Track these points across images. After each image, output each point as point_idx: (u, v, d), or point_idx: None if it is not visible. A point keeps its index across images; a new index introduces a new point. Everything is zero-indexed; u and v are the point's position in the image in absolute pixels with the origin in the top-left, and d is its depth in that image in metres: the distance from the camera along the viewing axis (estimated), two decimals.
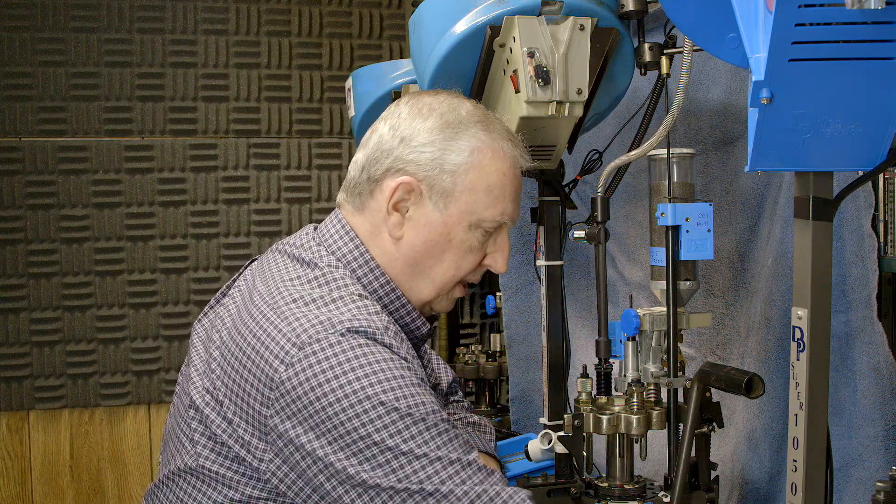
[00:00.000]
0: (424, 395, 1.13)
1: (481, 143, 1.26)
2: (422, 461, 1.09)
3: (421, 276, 1.29)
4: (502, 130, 1.29)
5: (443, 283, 1.30)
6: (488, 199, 1.26)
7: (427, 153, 1.25)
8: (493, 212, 1.27)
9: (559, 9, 1.43)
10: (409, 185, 1.25)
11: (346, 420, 1.09)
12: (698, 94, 1.79)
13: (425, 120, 1.26)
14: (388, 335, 1.15)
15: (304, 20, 2.91)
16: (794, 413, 1.18)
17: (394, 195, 1.26)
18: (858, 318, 1.45)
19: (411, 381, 1.13)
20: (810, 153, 1.06)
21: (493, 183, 1.26)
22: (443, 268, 1.29)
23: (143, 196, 2.78)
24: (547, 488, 1.55)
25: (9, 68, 2.67)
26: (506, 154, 1.28)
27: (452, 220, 1.26)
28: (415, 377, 1.14)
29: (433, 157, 1.25)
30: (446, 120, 1.26)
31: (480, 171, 1.25)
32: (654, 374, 1.53)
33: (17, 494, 2.73)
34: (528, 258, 2.32)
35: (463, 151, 1.25)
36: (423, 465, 1.09)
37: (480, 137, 1.26)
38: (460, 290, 1.34)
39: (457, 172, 1.25)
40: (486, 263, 1.32)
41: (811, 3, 0.90)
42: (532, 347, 2.33)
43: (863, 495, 1.44)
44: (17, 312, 2.70)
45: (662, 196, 1.53)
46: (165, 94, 2.79)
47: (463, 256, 1.29)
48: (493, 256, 1.32)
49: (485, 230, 1.28)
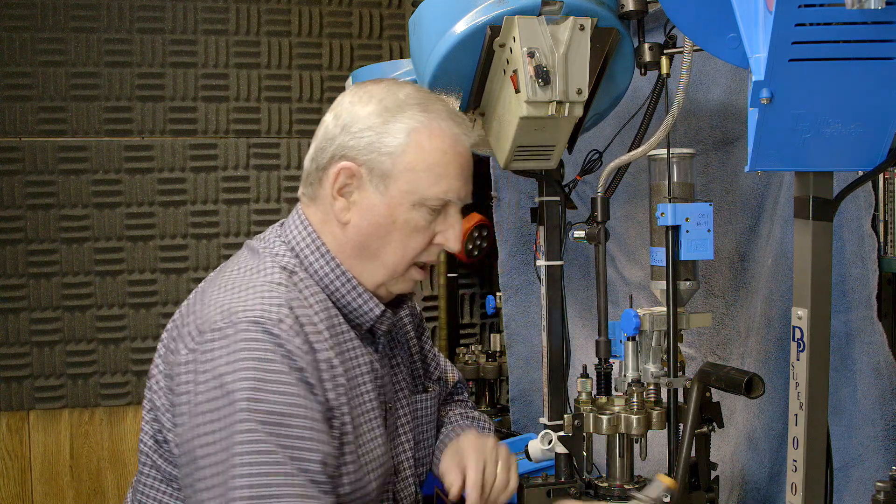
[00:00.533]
0: (287, 394, 1.14)
1: (418, 124, 1.28)
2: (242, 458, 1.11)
3: (370, 259, 1.31)
4: (442, 111, 1.31)
5: (393, 264, 1.31)
6: (430, 178, 1.28)
7: (365, 137, 1.28)
8: (436, 190, 1.28)
9: (559, 9, 1.43)
10: (350, 170, 1.29)
11: (203, 402, 1.14)
12: (698, 94, 1.79)
13: (365, 106, 1.29)
14: (279, 327, 1.17)
15: (304, 20, 2.91)
16: (794, 413, 1.18)
17: (337, 181, 1.29)
18: (858, 318, 1.45)
19: (279, 378, 1.14)
20: (810, 153, 1.06)
21: (434, 161, 1.28)
22: (390, 249, 1.30)
23: (143, 196, 2.78)
24: (547, 488, 1.55)
25: (9, 68, 2.67)
26: (445, 132, 1.29)
27: (395, 200, 1.28)
28: (290, 375, 1.15)
29: (371, 140, 1.28)
30: (384, 105, 1.29)
31: (419, 150, 1.27)
32: (654, 374, 1.53)
33: (17, 494, 2.73)
34: (528, 258, 2.33)
35: (400, 133, 1.27)
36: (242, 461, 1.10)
37: (418, 118, 1.28)
38: (417, 271, 1.34)
39: (395, 154, 1.27)
40: (437, 242, 1.32)
41: (811, 3, 0.90)
42: (532, 347, 2.33)
43: (863, 495, 1.44)
44: (17, 312, 2.70)
45: (662, 196, 1.53)
46: (165, 94, 2.79)
47: (409, 236, 1.30)
48: (444, 234, 1.32)
49: (430, 209, 1.29)
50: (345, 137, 1.29)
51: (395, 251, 1.30)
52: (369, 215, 1.29)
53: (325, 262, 1.31)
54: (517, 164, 1.57)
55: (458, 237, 1.33)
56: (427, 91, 1.36)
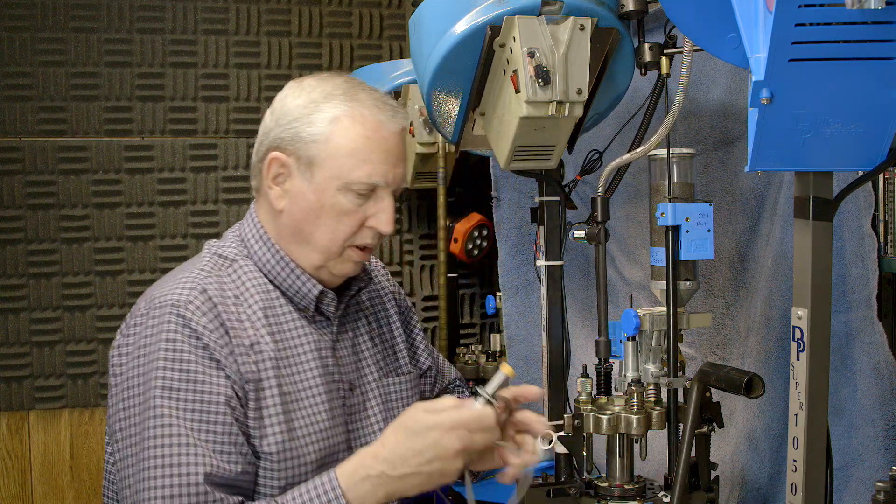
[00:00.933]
0: (192, 371, 1.27)
1: (341, 112, 1.36)
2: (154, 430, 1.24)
3: (304, 243, 1.40)
4: (367, 99, 1.38)
5: (325, 247, 1.39)
6: (353, 163, 1.35)
7: (293, 128, 1.37)
8: (359, 174, 1.35)
9: (559, 9, 1.43)
10: (280, 160, 1.38)
11: (123, 381, 1.30)
12: (698, 94, 1.79)
13: (296, 99, 1.39)
14: (188, 308, 1.30)
15: (304, 20, 2.91)
16: (794, 413, 1.18)
17: (270, 171, 1.39)
18: (858, 318, 1.45)
19: (184, 357, 1.28)
20: (810, 153, 1.06)
21: (356, 147, 1.35)
22: (321, 232, 1.38)
23: (143, 196, 2.78)
24: (547, 488, 1.55)
25: (9, 68, 2.67)
26: (367, 119, 1.36)
27: (321, 186, 1.36)
28: (195, 352, 1.28)
29: (297, 130, 1.37)
30: (311, 97, 1.39)
31: (341, 137, 1.35)
32: (654, 374, 1.53)
33: (17, 494, 2.73)
34: (528, 258, 2.33)
35: (324, 122, 1.36)
36: (153, 433, 1.24)
37: (341, 107, 1.36)
38: (356, 253, 1.41)
39: (319, 142, 1.36)
40: (369, 225, 1.39)
41: (811, 3, 0.90)
42: (532, 347, 2.33)
43: (863, 495, 1.44)
44: (17, 312, 2.70)
45: (662, 196, 1.53)
46: (165, 94, 2.79)
47: (338, 220, 1.37)
48: (375, 217, 1.39)
49: (357, 193, 1.36)
50: (277, 130, 1.39)
51: (325, 234, 1.38)
52: (300, 201, 1.38)
53: (267, 249, 1.42)
54: (517, 164, 1.57)
55: (390, 220, 1.39)
56: (357, 82, 1.43)
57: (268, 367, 1.32)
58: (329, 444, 1.38)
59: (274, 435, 1.30)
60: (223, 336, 1.30)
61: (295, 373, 1.37)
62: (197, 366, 1.27)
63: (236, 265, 1.41)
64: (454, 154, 2.50)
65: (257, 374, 1.31)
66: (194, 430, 1.25)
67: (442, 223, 2.52)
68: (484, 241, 2.67)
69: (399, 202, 2.98)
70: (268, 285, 1.41)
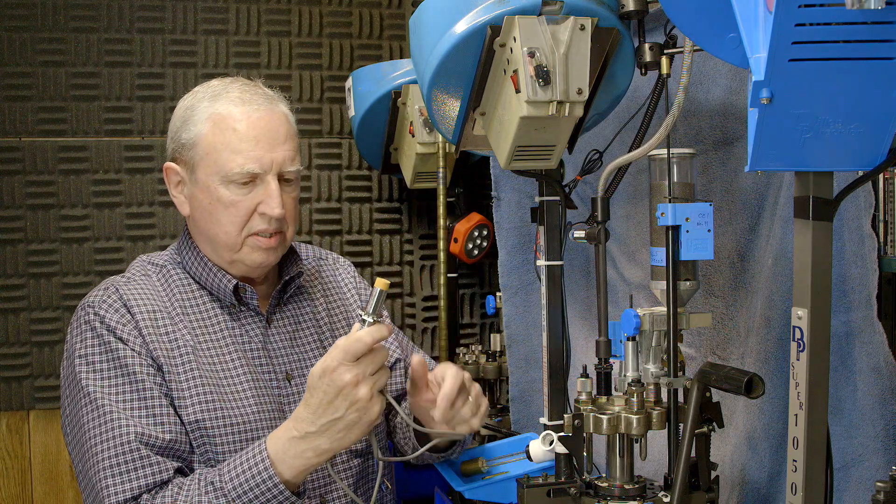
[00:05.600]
0: (110, 360, 1.44)
1: (209, 112, 1.49)
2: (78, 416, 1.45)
3: (211, 240, 1.54)
4: (232, 94, 1.50)
5: (227, 240, 1.51)
6: (226, 155, 1.47)
7: (177, 137, 1.53)
8: (233, 165, 1.46)
9: (559, 9, 1.43)
10: (173, 168, 1.55)
11: (62, 381, 1.52)
12: (698, 94, 1.79)
13: (178, 109, 1.55)
14: (101, 306, 1.48)
15: (304, 20, 2.91)
16: (794, 413, 1.18)
17: (169, 181, 1.57)
18: (858, 318, 1.45)
19: (101, 348, 1.45)
20: (810, 153, 1.06)
21: (226, 140, 1.47)
22: (218, 228, 1.51)
23: (143, 196, 2.78)
24: (547, 488, 1.55)
25: (9, 68, 2.67)
26: (232, 112, 1.48)
27: (206, 185, 1.49)
28: (111, 344, 1.44)
29: (179, 138, 1.52)
30: (187, 104, 1.54)
31: (211, 134, 1.48)
32: (654, 374, 1.53)
33: (17, 494, 2.73)
34: (528, 258, 2.32)
35: (196, 124, 1.50)
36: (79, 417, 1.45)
37: (208, 110, 1.49)
38: (261, 240, 1.52)
39: (196, 144, 1.50)
40: (260, 211, 1.49)
41: (811, 3, 0.90)
42: (532, 347, 2.33)
43: (863, 495, 1.45)
44: (17, 312, 2.70)
45: (662, 196, 1.53)
46: (165, 94, 2.79)
47: (228, 212, 1.49)
48: (264, 203, 1.49)
49: (239, 183, 1.47)
50: (169, 142, 1.56)
51: (221, 229, 1.50)
52: (196, 203, 1.52)
53: (190, 252, 1.57)
54: (517, 163, 1.57)
55: (277, 203, 1.49)
56: (228, 81, 1.56)
57: (186, 352, 1.47)
58: (257, 435, 1.47)
59: (193, 406, 1.45)
60: (134, 329, 1.46)
61: (216, 363, 1.50)
62: (114, 353, 1.43)
63: (165, 270, 1.58)
64: (454, 154, 2.50)
65: (172, 360, 1.46)
66: (120, 401, 1.40)
67: (442, 223, 2.52)
68: (484, 241, 2.67)
69: (399, 202, 2.98)
70: (193, 286, 1.56)
